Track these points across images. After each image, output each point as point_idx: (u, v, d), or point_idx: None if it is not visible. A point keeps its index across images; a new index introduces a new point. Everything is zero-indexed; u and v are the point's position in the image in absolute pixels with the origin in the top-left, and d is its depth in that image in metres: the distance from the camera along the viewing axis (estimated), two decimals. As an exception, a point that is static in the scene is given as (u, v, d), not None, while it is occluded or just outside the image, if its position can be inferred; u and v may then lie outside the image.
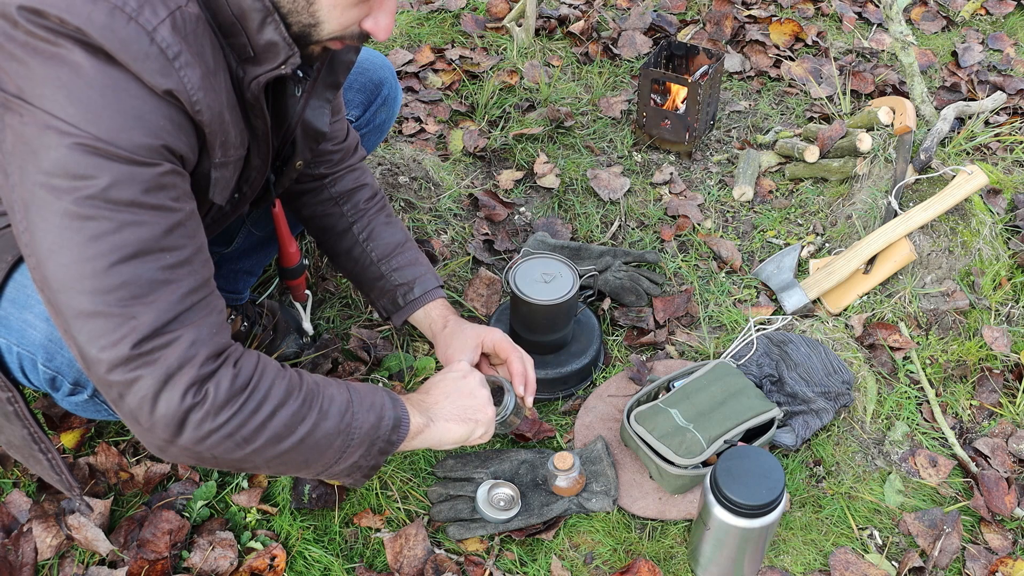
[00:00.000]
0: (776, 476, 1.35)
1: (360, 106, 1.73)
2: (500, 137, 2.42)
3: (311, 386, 1.14)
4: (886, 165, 2.14)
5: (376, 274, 1.55)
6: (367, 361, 1.83)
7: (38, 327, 1.15)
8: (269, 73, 1.10)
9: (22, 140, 0.96)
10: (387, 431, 1.20)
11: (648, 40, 2.85)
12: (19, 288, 1.16)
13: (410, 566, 1.48)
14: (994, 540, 1.58)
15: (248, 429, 1.06)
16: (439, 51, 2.76)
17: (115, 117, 0.95)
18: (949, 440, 1.75)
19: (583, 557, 1.53)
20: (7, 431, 1.22)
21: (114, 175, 0.95)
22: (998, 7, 3.17)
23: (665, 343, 1.93)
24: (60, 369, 1.18)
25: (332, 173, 1.55)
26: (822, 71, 2.77)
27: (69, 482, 1.27)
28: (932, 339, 1.92)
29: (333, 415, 1.14)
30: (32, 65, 0.93)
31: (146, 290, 0.98)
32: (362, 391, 1.20)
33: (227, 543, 1.48)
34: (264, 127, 1.19)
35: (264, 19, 1.04)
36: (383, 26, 1.11)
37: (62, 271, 0.97)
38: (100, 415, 1.29)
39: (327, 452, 1.15)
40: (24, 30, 0.92)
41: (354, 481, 1.23)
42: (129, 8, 0.93)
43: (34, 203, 0.96)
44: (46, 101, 0.93)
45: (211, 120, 1.04)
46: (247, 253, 1.71)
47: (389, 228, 1.58)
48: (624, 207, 2.27)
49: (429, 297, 1.55)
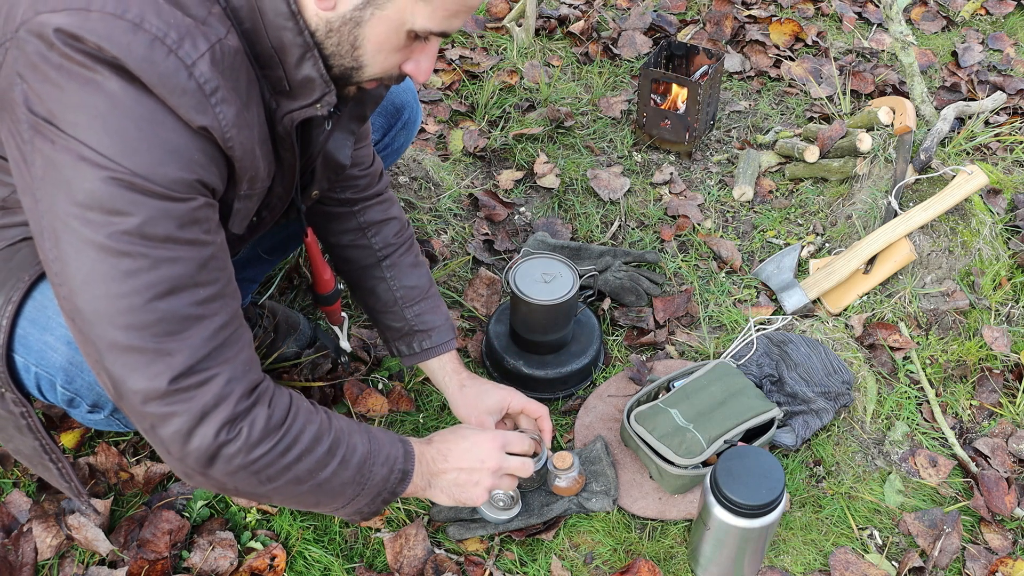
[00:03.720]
0: (776, 476, 1.35)
1: (380, 130, 1.71)
2: (500, 137, 2.42)
3: (338, 433, 1.17)
4: (886, 165, 2.14)
5: (397, 316, 1.55)
6: (367, 361, 1.83)
7: (59, 350, 1.15)
8: (304, 111, 1.09)
9: (54, 167, 0.94)
10: (394, 484, 1.25)
11: (648, 40, 2.85)
12: (39, 308, 1.15)
13: (410, 566, 1.48)
14: (994, 540, 1.58)
15: (274, 469, 1.09)
16: (439, 51, 2.75)
17: (151, 151, 0.94)
18: (949, 440, 1.75)
19: (583, 557, 1.53)
20: (17, 441, 1.22)
21: (149, 211, 0.95)
22: (998, 7, 3.17)
23: (665, 343, 1.93)
24: (79, 392, 1.18)
25: (360, 199, 1.53)
26: (822, 71, 2.77)
27: (78, 489, 1.27)
28: (932, 339, 1.92)
29: (352, 466, 1.18)
30: (67, 89, 0.92)
31: (181, 326, 0.99)
32: (381, 441, 1.24)
33: (227, 543, 1.48)
34: (292, 159, 1.18)
35: (303, 55, 1.03)
36: (424, 69, 1.10)
37: (96, 303, 0.97)
38: (113, 428, 1.30)
39: (339, 498, 1.19)
40: (60, 53, 0.91)
41: (353, 520, 1.28)
42: (170, 40, 0.92)
43: (66, 234, 0.96)
44: (80, 130, 0.92)
45: (243, 156, 1.04)
46: (251, 263, 1.70)
47: (416, 271, 1.57)
48: (624, 207, 2.27)
49: (445, 348, 1.57)
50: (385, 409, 1.75)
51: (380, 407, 1.74)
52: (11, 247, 1.17)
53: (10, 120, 0.98)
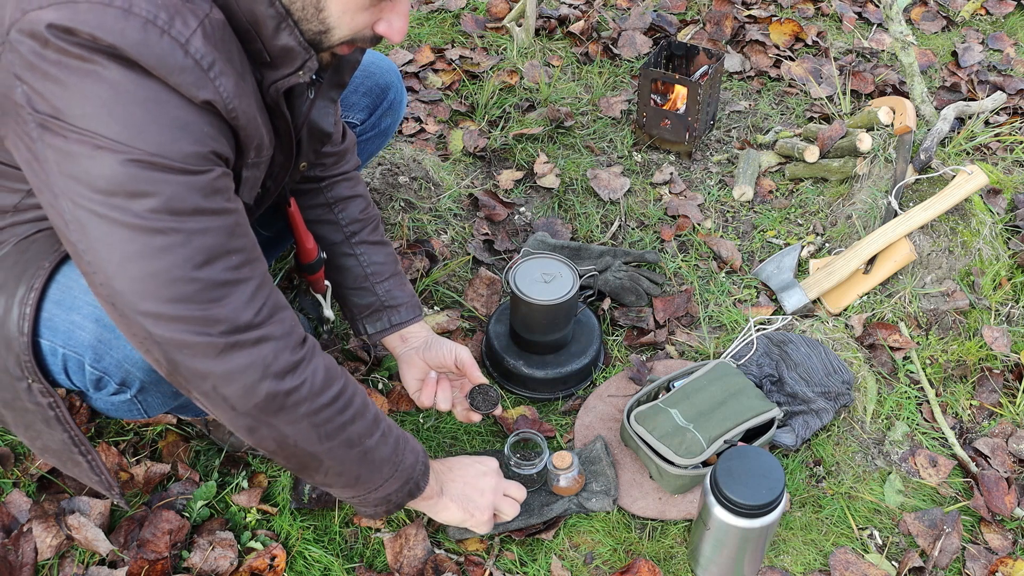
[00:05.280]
0: (776, 476, 1.35)
1: (365, 110, 1.73)
2: (500, 137, 2.42)
3: (376, 408, 1.22)
4: (886, 165, 2.14)
5: (368, 291, 1.57)
6: (367, 361, 1.83)
7: (87, 328, 1.15)
8: (288, 79, 1.10)
9: (69, 160, 0.95)
10: (419, 475, 1.28)
11: (648, 40, 2.85)
12: (63, 290, 1.16)
13: (410, 566, 1.48)
14: (994, 540, 1.58)
15: (333, 425, 1.13)
16: (439, 51, 2.76)
17: (161, 130, 0.96)
18: (949, 440, 1.75)
19: (583, 557, 1.53)
20: (45, 436, 1.21)
21: (173, 187, 0.97)
22: (998, 7, 3.17)
23: (665, 343, 1.93)
24: (108, 370, 1.18)
25: (327, 176, 1.55)
26: (822, 71, 2.77)
27: (109, 482, 1.27)
28: (932, 339, 1.92)
29: (391, 442, 1.23)
30: (68, 84, 0.93)
31: (222, 292, 1.02)
32: (407, 435, 1.29)
33: (227, 543, 1.48)
34: (286, 126, 1.20)
35: (279, 25, 1.04)
36: (397, 28, 1.10)
37: (136, 284, 0.99)
38: (132, 415, 1.29)
39: (376, 475, 1.22)
40: (56, 48, 0.91)
41: (376, 513, 1.29)
42: (161, 21, 0.93)
43: (93, 222, 0.97)
44: (89, 121, 0.94)
45: (247, 124, 1.05)
46: None
47: (383, 248, 1.60)
48: (624, 207, 2.27)
49: (413, 323, 1.60)
50: (385, 409, 1.75)
51: (380, 407, 1.74)
52: (25, 240, 1.18)
53: (15, 123, 0.98)
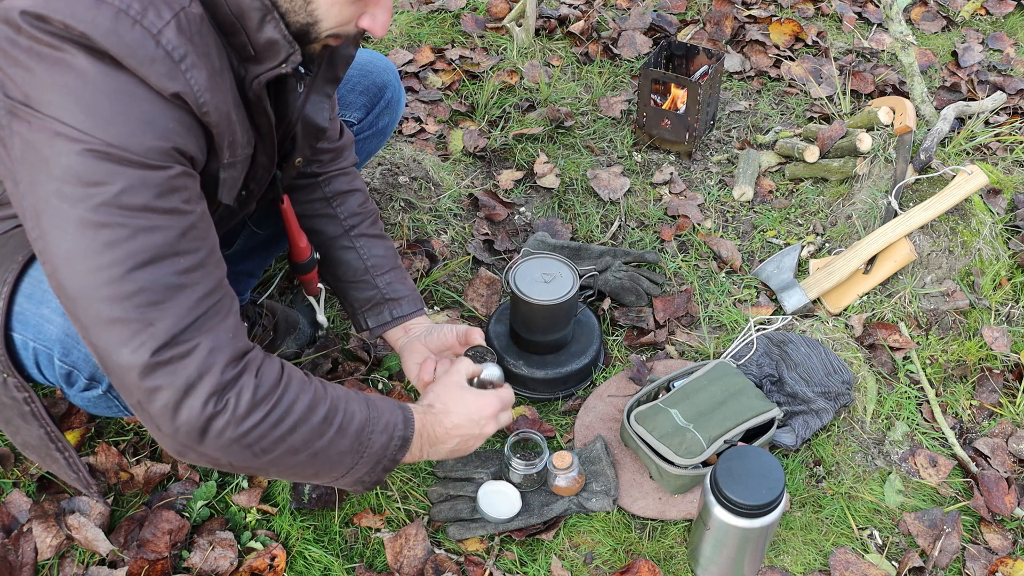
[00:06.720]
0: (776, 476, 1.35)
1: (362, 109, 1.73)
2: (500, 137, 2.42)
3: (334, 401, 1.15)
4: (886, 165, 2.14)
5: (369, 285, 1.56)
6: (367, 361, 1.83)
7: (55, 321, 1.15)
8: (270, 72, 1.10)
9: (32, 147, 0.95)
10: (393, 451, 1.22)
11: (648, 40, 2.85)
12: (34, 284, 1.16)
13: (410, 566, 1.48)
14: (994, 540, 1.58)
15: (268, 441, 1.07)
16: (439, 51, 2.76)
17: (125, 122, 0.95)
18: (949, 440, 1.75)
19: (583, 557, 1.53)
20: (24, 432, 1.22)
21: (127, 180, 0.96)
22: (998, 7, 3.17)
23: (665, 343, 1.93)
24: (76, 364, 1.18)
25: (325, 172, 1.55)
26: (822, 71, 2.77)
27: (87, 480, 1.27)
28: (932, 339, 1.92)
29: (350, 434, 1.15)
30: (37, 71, 0.93)
31: (162, 296, 0.99)
32: (381, 408, 1.21)
33: (227, 543, 1.48)
34: (268, 125, 1.19)
35: (263, 17, 1.04)
36: (380, 22, 1.11)
37: (79, 279, 0.97)
38: (112, 411, 1.29)
39: (337, 467, 1.17)
40: (28, 35, 0.92)
41: (356, 491, 1.26)
42: (133, 11, 0.93)
43: (47, 211, 0.96)
44: (54, 108, 0.93)
45: (219, 121, 1.04)
46: (248, 255, 1.71)
47: (383, 242, 1.59)
48: (624, 207, 2.27)
49: (415, 316, 1.57)
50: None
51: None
52: (4, 235, 1.18)
53: None
